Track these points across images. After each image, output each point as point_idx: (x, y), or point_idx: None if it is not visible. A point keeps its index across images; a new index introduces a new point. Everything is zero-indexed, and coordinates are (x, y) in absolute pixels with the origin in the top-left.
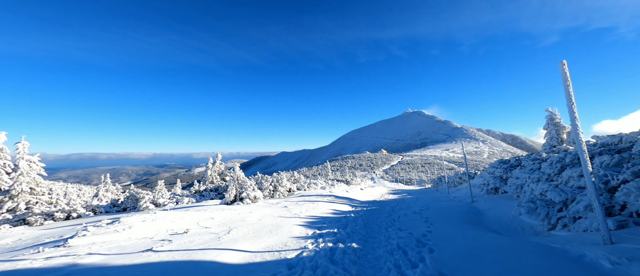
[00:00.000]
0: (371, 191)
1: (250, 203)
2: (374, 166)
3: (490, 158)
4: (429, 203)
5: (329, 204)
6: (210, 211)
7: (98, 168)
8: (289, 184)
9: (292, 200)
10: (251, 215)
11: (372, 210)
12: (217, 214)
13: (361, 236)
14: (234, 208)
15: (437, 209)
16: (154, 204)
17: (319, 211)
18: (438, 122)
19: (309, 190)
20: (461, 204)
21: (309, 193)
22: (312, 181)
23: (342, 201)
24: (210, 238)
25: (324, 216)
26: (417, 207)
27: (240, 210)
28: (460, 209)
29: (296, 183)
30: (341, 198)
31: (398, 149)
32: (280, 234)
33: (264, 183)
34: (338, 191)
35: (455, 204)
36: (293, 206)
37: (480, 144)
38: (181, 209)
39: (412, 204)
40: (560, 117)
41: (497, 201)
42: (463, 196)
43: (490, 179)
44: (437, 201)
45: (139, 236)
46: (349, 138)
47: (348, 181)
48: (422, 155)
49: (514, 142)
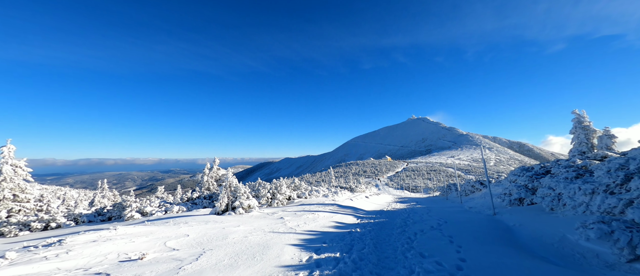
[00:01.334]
0: (377, 199)
1: (243, 213)
2: (379, 173)
3: (497, 165)
4: (444, 215)
5: (331, 215)
6: (191, 224)
7: (105, 173)
8: (288, 191)
9: (291, 210)
10: (237, 230)
11: (380, 223)
12: (195, 229)
13: (372, 269)
14: (222, 219)
15: (456, 223)
16: (141, 213)
17: (319, 223)
18: (443, 129)
19: (310, 198)
20: (481, 216)
21: (310, 202)
22: (314, 188)
23: (345, 212)
24: (167, 268)
25: (325, 231)
26: (433, 220)
27: (228, 223)
28: (484, 224)
29: (297, 190)
30: (345, 208)
31: (402, 155)
32: (265, 260)
33: (262, 190)
34: (341, 199)
35: (475, 216)
36: (290, 218)
37: (487, 151)
38: (154, 223)
39: (426, 216)
40: (589, 120)
41: (526, 215)
42: (480, 206)
43: (513, 188)
44: (453, 212)
45: (71, 266)
46: (352, 144)
47: (352, 188)
48: (427, 162)
49: (521, 149)
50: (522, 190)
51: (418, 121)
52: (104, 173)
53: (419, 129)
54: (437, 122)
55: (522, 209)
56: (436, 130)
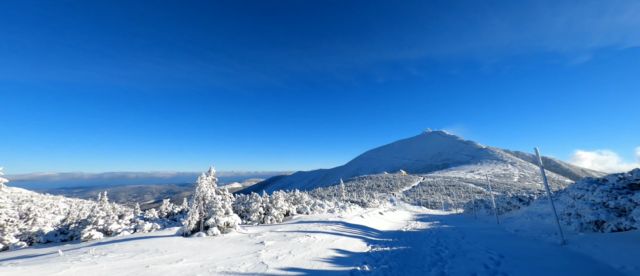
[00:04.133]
0: (392, 217)
1: (217, 233)
2: (393, 187)
3: (521, 181)
4: (489, 242)
5: (332, 238)
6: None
7: (126, 186)
8: (286, 205)
9: (282, 230)
10: (178, 267)
11: (401, 254)
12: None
13: None
14: (178, 245)
15: (521, 259)
16: (105, 232)
17: (310, 253)
18: (460, 143)
19: (312, 213)
20: (545, 246)
21: (311, 218)
22: (319, 202)
23: (353, 232)
24: None
25: (313, 271)
26: (480, 252)
27: (175, 253)
28: (564, 262)
29: (297, 204)
30: (353, 227)
31: (418, 170)
32: None
33: (253, 204)
34: (350, 215)
35: (536, 247)
36: (274, 242)
37: (509, 166)
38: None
39: (464, 244)
40: None
41: (626, 248)
42: (530, 229)
43: (584, 207)
44: (497, 238)
45: None
46: (365, 157)
47: (364, 202)
48: (444, 177)
49: (547, 165)
50: (601, 210)
51: (433, 134)
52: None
53: (435, 142)
54: (454, 136)
55: (607, 238)
56: (453, 144)
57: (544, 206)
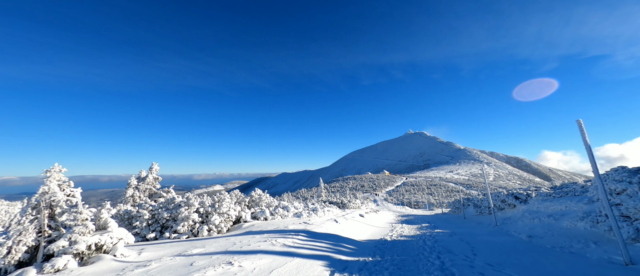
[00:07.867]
0: (374, 219)
1: (73, 266)
2: (377, 188)
3: (496, 180)
4: (515, 261)
5: (277, 261)
6: None
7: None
8: (236, 210)
9: (198, 252)
10: None
11: None
12: None
13: None
14: None
15: None
16: None
17: None
18: (440, 144)
19: (273, 218)
20: (598, 266)
21: (265, 227)
22: (283, 204)
23: (317, 247)
24: None
25: None
26: None
27: None
28: None
29: (253, 208)
30: (319, 238)
31: (401, 170)
32: None
33: (182, 209)
34: (320, 220)
35: (584, 265)
36: None
37: (485, 166)
38: None
39: (480, 264)
40: None
41: None
42: (546, 234)
43: (631, 205)
44: (518, 250)
45: None
46: (350, 158)
47: (343, 203)
48: (426, 177)
49: (519, 164)
50: None
51: (415, 135)
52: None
53: (417, 143)
54: (434, 137)
55: None
56: (434, 145)
57: (550, 205)
